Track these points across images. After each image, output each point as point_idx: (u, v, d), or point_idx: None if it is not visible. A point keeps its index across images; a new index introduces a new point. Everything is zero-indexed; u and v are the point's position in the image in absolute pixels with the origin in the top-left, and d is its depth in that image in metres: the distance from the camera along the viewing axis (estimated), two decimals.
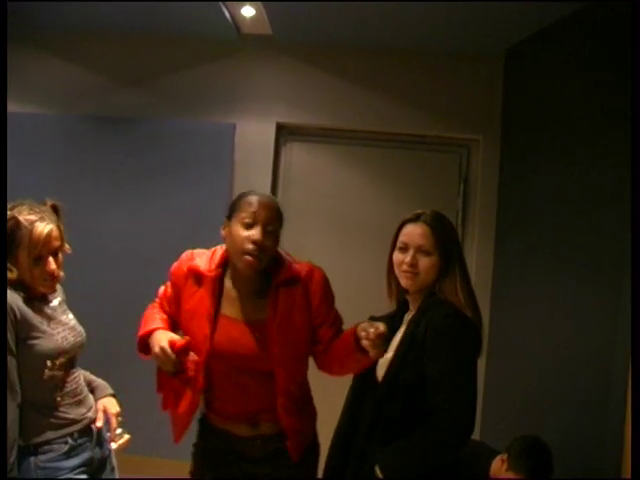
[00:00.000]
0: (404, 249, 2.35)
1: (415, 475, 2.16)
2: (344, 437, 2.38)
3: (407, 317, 2.38)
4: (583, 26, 3.75)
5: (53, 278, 2.41)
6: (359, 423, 2.31)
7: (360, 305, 3.42)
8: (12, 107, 4.84)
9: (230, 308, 2.50)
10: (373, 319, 2.56)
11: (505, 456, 3.22)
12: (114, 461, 2.67)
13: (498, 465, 3.22)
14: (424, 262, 2.30)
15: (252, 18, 4.41)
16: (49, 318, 2.41)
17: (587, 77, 3.72)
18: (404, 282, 2.36)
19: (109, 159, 4.77)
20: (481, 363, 2.34)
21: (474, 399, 2.17)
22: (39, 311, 2.38)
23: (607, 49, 3.53)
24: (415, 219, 2.37)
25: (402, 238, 2.37)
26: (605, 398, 3.20)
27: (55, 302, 2.50)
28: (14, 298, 2.29)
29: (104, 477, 2.58)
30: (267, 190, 4.77)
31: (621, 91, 3.21)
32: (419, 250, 2.31)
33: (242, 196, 2.53)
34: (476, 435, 4.20)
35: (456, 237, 2.38)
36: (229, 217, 2.51)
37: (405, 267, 2.33)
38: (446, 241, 2.31)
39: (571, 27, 3.86)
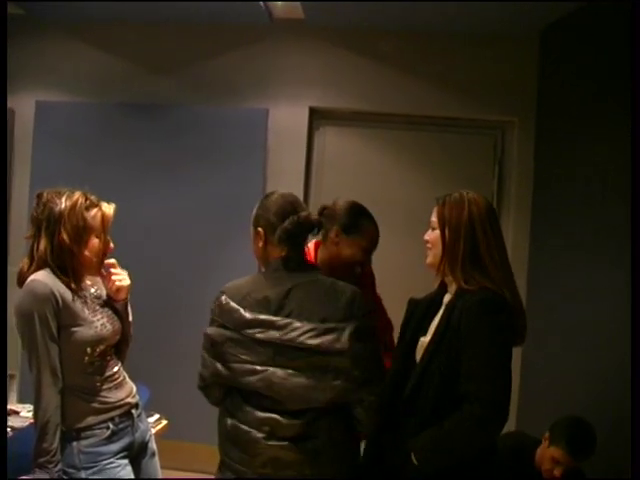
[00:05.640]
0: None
1: (449, 462, 2.16)
2: (385, 417, 2.38)
3: (445, 299, 2.37)
4: (618, 6, 3.68)
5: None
6: (399, 405, 2.31)
7: (394, 286, 3.41)
8: (48, 96, 4.91)
9: None
10: (413, 301, 2.56)
11: (547, 434, 3.21)
12: (154, 446, 2.70)
13: (544, 446, 3.20)
14: (431, 237, 2.36)
15: (284, 2, 4.39)
16: (89, 306, 2.44)
17: (623, 57, 3.65)
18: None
19: (143, 146, 4.82)
20: (517, 348, 2.31)
21: (508, 387, 2.14)
22: (80, 299, 2.41)
23: None
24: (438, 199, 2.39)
25: None
26: None
27: (93, 290, 2.53)
28: (57, 285, 2.33)
29: (145, 462, 2.61)
30: (301, 175, 4.78)
31: None
32: (431, 227, 2.38)
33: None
34: (513, 422, 4.20)
35: (463, 215, 2.28)
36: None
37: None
38: (449, 217, 2.30)
39: (606, 7, 3.79)
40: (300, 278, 2.31)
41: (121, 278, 2.57)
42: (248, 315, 2.24)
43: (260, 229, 2.37)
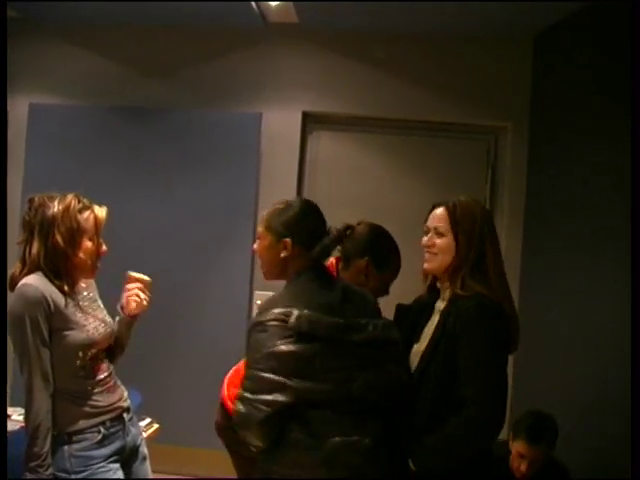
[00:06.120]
0: (426, 232, 2.38)
1: (446, 467, 2.16)
2: None
3: (438, 305, 2.37)
4: (612, 12, 3.70)
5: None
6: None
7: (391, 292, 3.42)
8: (42, 99, 4.90)
9: None
10: (401, 307, 2.56)
11: (511, 434, 3.25)
12: (145, 450, 2.69)
13: (510, 445, 3.23)
14: (438, 243, 2.32)
15: (278, 6, 4.39)
16: (81, 309, 2.44)
17: (617, 62, 3.67)
18: (424, 264, 2.38)
19: (136, 150, 4.82)
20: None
21: (505, 391, 2.17)
22: (72, 302, 2.41)
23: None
24: (440, 203, 2.38)
25: (427, 222, 2.40)
26: None
27: (86, 293, 2.52)
28: (48, 289, 2.32)
29: (136, 466, 2.61)
30: (294, 179, 4.78)
31: None
32: (436, 232, 2.34)
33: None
34: (505, 425, 4.20)
35: (477, 222, 2.31)
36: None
37: (425, 248, 2.36)
38: (463, 224, 2.29)
39: (601, 13, 3.80)
40: (337, 283, 2.30)
41: (144, 298, 2.60)
42: (340, 320, 2.14)
43: (288, 240, 2.24)
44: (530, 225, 4.54)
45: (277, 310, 2.12)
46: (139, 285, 2.63)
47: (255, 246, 2.37)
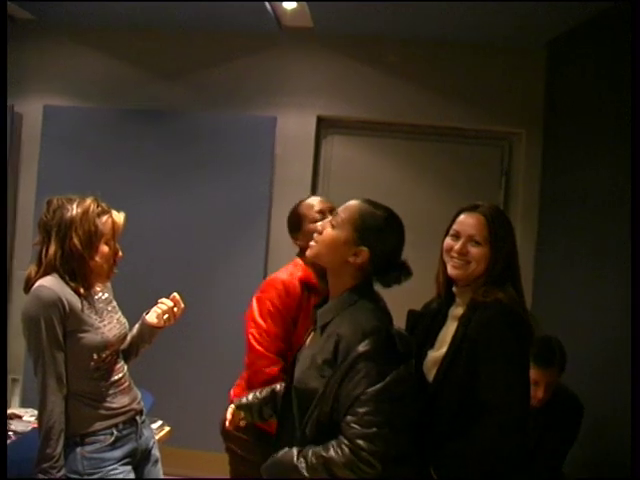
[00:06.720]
0: (455, 237, 2.32)
1: (469, 475, 2.14)
2: None
3: (453, 311, 2.35)
4: (626, 18, 3.69)
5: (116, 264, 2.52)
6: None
7: (398, 297, 3.41)
8: (56, 101, 4.91)
9: None
10: (413, 313, 2.53)
11: None
12: (157, 453, 2.69)
13: None
14: (474, 251, 2.26)
15: (293, 11, 4.40)
16: (96, 311, 2.44)
17: (629, 68, 3.65)
18: (450, 270, 2.32)
19: (150, 153, 4.81)
20: None
21: (527, 397, 2.17)
22: (87, 304, 2.41)
23: None
24: (472, 209, 2.33)
25: (455, 226, 2.34)
26: None
27: (101, 294, 2.53)
28: (64, 291, 2.33)
29: (148, 469, 2.61)
30: (308, 183, 4.77)
31: None
32: (470, 239, 2.28)
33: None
34: None
35: (511, 233, 2.31)
36: None
37: (454, 254, 2.30)
38: (500, 235, 2.27)
39: (614, 19, 3.79)
40: None
41: (165, 313, 2.66)
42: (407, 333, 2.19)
43: (366, 251, 2.07)
44: (544, 231, 4.52)
45: (378, 335, 1.96)
46: (170, 304, 2.65)
47: (320, 226, 2.20)
